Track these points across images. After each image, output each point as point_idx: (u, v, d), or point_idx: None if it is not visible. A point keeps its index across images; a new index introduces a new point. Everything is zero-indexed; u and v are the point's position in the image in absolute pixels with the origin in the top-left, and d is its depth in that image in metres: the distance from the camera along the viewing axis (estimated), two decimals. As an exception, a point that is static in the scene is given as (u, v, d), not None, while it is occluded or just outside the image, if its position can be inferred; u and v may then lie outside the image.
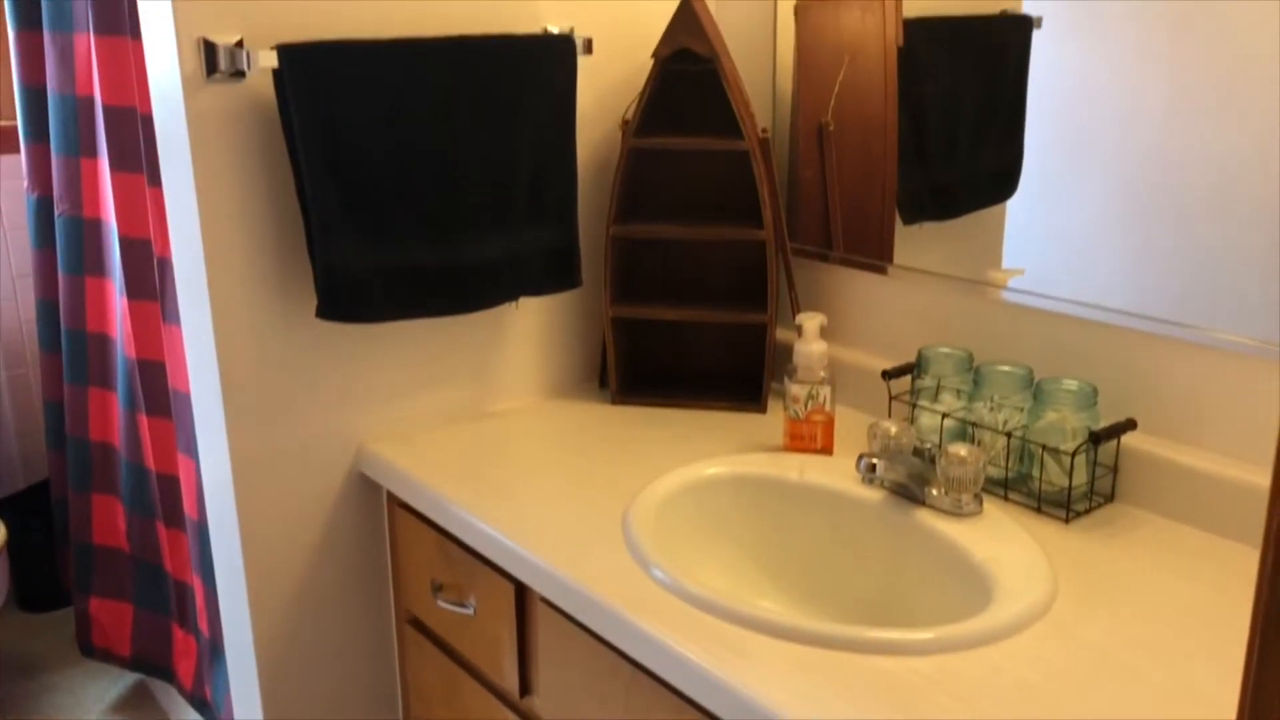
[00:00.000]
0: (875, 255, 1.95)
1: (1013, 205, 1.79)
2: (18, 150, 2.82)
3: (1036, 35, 1.68)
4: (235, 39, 1.59)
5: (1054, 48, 1.67)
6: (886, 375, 1.76)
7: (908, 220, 1.96)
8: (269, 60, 1.56)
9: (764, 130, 1.91)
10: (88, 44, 2.31)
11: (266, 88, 1.61)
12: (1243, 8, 1.41)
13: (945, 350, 1.72)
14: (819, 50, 1.98)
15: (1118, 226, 1.61)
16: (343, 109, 1.60)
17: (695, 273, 2.04)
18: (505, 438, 1.89)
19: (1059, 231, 1.69)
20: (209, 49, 1.57)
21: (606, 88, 1.98)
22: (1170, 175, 1.53)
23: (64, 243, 2.57)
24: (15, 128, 2.80)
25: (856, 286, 1.98)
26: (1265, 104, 1.40)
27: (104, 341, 2.57)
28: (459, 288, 1.78)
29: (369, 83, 1.63)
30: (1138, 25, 1.54)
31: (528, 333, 2.01)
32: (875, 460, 1.54)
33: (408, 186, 1.68)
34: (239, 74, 1.59)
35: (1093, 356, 1.63)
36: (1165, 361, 1.55)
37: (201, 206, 1.64)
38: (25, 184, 2.77)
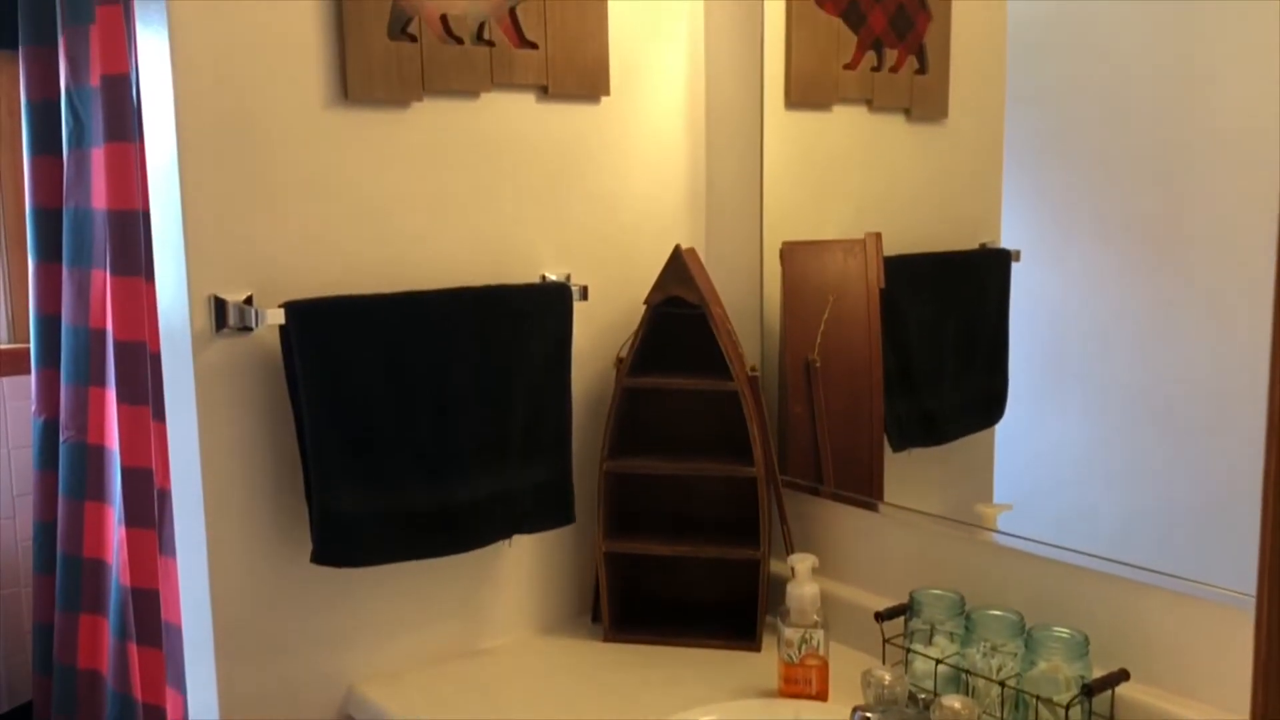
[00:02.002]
0: (865, 489, 1.98)
1: (1001, 429, 1.83)
2: (27, 372, 2.90)
3: (1016, 266, 1.75)
4: (245, 295, 1.66)
5: (1034, 276, 1.73)
6: (879, 617, 1.76)
7: (897, 447, 2.00)
8: (276, 317, 1.63)
9: (753, 369, 1.97)
10: (104, 280, 2.41)
11: (272, 340, 1.68)
12: (1220, 225, 1.47)
13: (937, 593, 1.73)
14: (804, 290, 2.07)
15: (1104, 448, 1.64)
16: (345, 362, 1.67)
17: (688, 508, 2.07)
18: (495, 680, 1.87)
19: (1047, 454, 1.73)
20: (219, 306, 1.64)
21: (601, 328, 2.05)
22: (1154, 394, 1.57)
23: (66, 467, 2.61)
24: (27, 351, 2.89)
25: (848, 522, 2.00)
26: (1248, 319, 1.44)
27: (99, 567, 2.57)
28: (454, 528, 1.80)
29: (371, 336, 1.69)
30: (1116, 248, 1.60)
31: (520, 567, 2.02)
32: (870, 714, 1.52)
33: (406, 433, 1.73)
34: (247, 329, 1.66)
35: (1083, 602, 1.63)
36: (1155, 610, 1.55)
37: (203, 449, 1.68)
38: (33, 407, 2.83)
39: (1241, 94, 1.44)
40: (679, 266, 1.91)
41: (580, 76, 1.96)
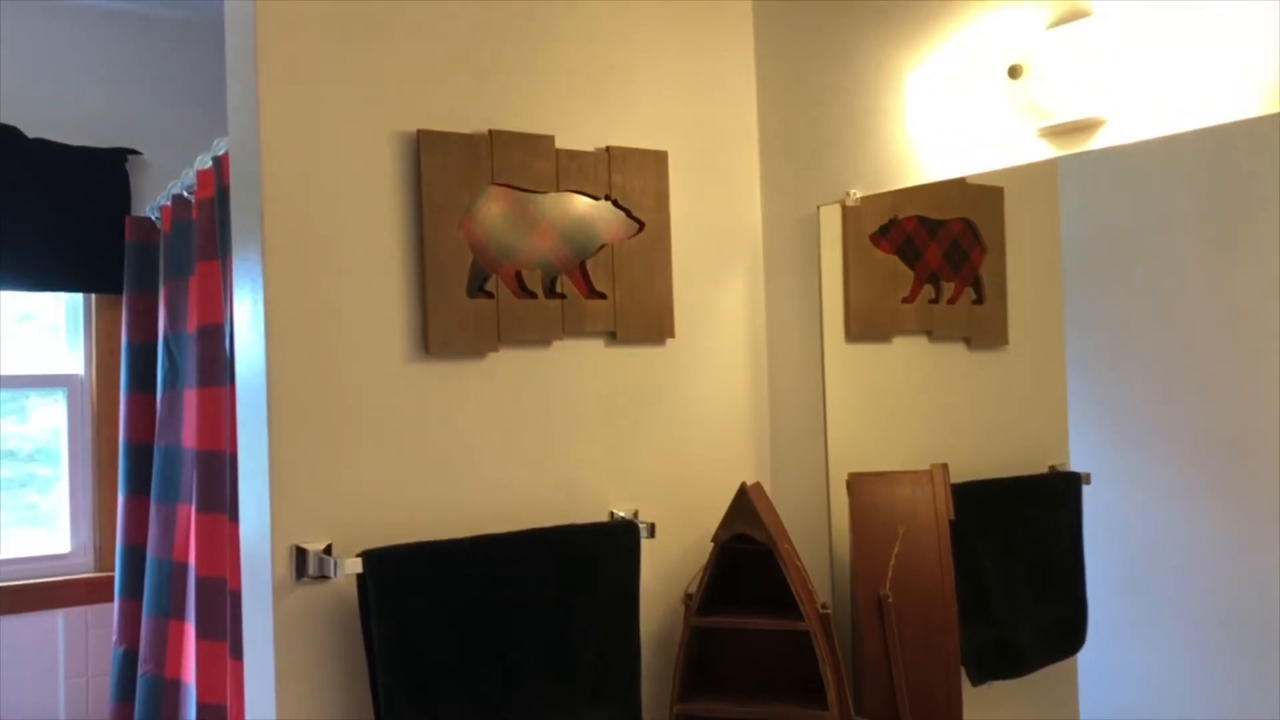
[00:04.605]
0: (944, 729, 1.92)
1: (1083, 658, 1.77)
2: (110, 600, 2.96)
3: (1087, 489, 1.74)
4: (324, 544, 1.72)
5: (1106, 497, 1.72)
6: None
7: (975, 680, 1.94)
8: (354, 567, 1.67)
9: (824, 606, 1.96)
10: (189, 516, 2.50)
11: (349, 588, 1.72)
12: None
13: None
14: (872, 523, 2.07)
15: (1191, 666, 1.58)
16: (417, 611, 1.70)
17: (761, 750, 2.01)
18: None
19: (1133, 677, 1.66)
20: (300, 555, 1.69)
21: (669, 565, 2.06)
22: (1239, 608, 1.52)
23: (143, 701, 2.63)
24: (111, 580, 2.97)
25: (928, 766, 1.93)
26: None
27: (168, 805, 2.55)
28: (522, 776, 1.78)
29: (441, 583, 1.73)
30: (1188, 464, 1.59)
31: (592, 814, 1.97)
32: None
33: (473, 681, 1.74)
34: (325, 577, 1.70)
35: None
36: None
37: (279, 695, 1.71)
38: (114, 636, 2.89)
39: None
40: (745, 504, 1.94)
41: (646, 322, 2.05)
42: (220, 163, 2.28)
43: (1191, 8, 1.55)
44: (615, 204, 2.04)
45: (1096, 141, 1.68)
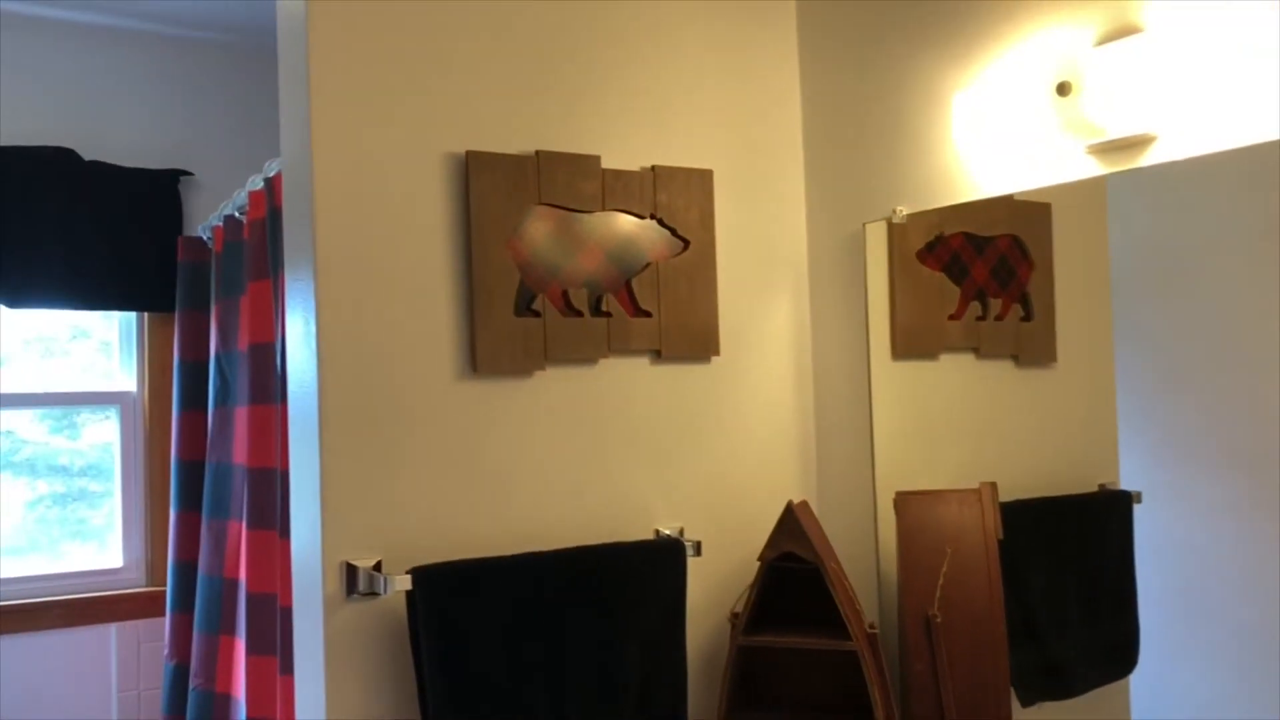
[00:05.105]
0: (994, 751, 1.90)
1: (1136, 679, 1.75)
2: (162, 615, 3.01)
3: (1138, 508, 1.72)
4: (374, 561, 1.73)
5: (1158, 516, 1.70)
6: None
7: (1025, 701, 1.92)
8: (404, 584, 1.69)
9: (872, 625, 1.95)
10: (240, 533, 2.53)
11: (399, 605, 1.74)
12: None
13: None
14: (920, 542, 2.05)
15: (1248, 688, 1.55)
16: (466, 628, 1.71)
17: (809, 770, 2.00)
18: None
19: (1188, 699, 1.64)
20: (350, 572, 1.71)
21: (715, 583, 2.06)
22: None
23: (194, 715, 2.67)
24: (163, 594, 3.02)
25: (978, 789, 1.91)
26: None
27: (218, 819, 2.58)
28: (570, 795, 1.78)
29: (491, 600, 1.74)
30: (1242, 482, 1.57)
31: (639, 833, 1.97)
32: None
33: (521, 698, 1.75)
34: (375, 594, 1.72)
35: None
36: None
37: (330, 707, 1.72)
38: (165, 650, 2.93)
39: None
40: (792, 523, 1.93)
41: (691, 340, 2.06)
42: (272, 184, 2.32)
43: (1245, 22, 1.54)
44: (660, 223, 2.05)
45: (1148, 158, 1.66)
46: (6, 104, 3.03)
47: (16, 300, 2.95)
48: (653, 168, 2.05)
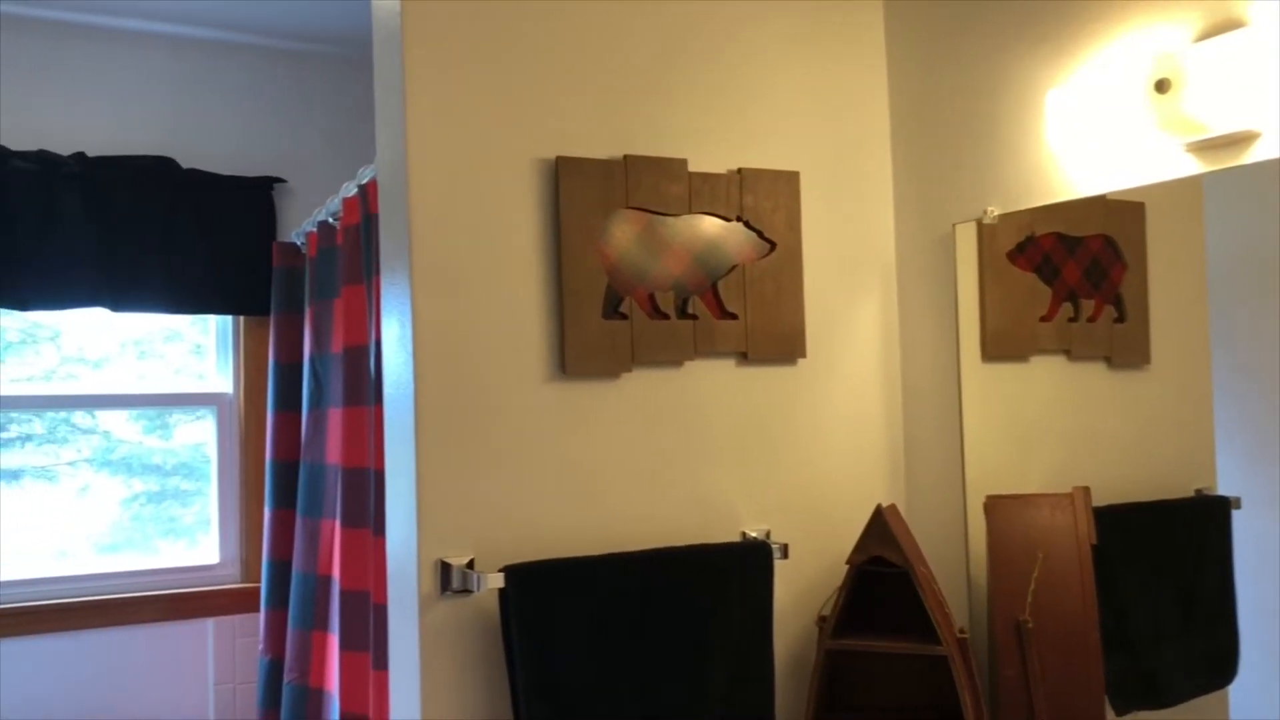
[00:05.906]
0: (1089, 761, 1.87)
1: (1235, 690, 1.71)
2: (256, 610, 3.09)
3: (1237, 514, 1.68)
4: (467, 559, 1.77)
5: (1258, 522, 1.65)
6: None
7: (1120, 711, 1.89)
8: (496, 581, 1.72)
9: (962, 630, 1.93)
10: (333, 531, 2.59)
11: (491, 603, 1.77)
12: None
13: None
14: (1011, 547, 2.03)
15: None
16: (557, 626, 1.73)
17: (898, 775, 1.99)
18: None
19: None
20: (444, 570, 1.75)
21: (802, 586, 2.06)
22: None
23: (288, 709, 2.74)
24: (257, 590, 3.10)
25: (1072, 798, 1.88)
26: None
27: (313, 810, 2.65)
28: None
29: (582, 598, 1.76)
30: None
31: (726, 834, 1.97)
32: None
33: (610, 697, 1.76)
34: (468, 591, 1.75)
35: None
36: None
37: (424, 702, 1.76)
38: (260, 645, 3.01)
39: None
40: (881, 526, 1.92)
41: (778, 342, 2.06)
42: (366, 190, 2.38)
43: (1354, 15, 1.49)
44: (747, 225, 2.06)
45: (1251, 156, 1.62)
46: (112, 115, 3.15)
47: (120, 304, 3.06)
48: (739, 170, 2.05)
